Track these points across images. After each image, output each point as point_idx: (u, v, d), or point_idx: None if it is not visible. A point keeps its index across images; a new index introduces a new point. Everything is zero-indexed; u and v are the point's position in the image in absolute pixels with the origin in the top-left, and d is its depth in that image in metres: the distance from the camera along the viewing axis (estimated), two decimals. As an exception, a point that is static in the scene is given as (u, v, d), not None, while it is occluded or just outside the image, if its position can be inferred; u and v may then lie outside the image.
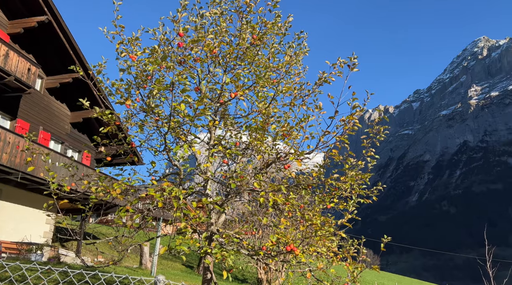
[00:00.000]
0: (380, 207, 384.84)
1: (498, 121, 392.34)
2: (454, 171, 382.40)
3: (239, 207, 19.53)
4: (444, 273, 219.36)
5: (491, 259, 7.96)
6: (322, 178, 6.16)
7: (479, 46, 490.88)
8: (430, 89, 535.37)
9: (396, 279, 46.81)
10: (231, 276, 14.54)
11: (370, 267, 5.45)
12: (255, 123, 6.01)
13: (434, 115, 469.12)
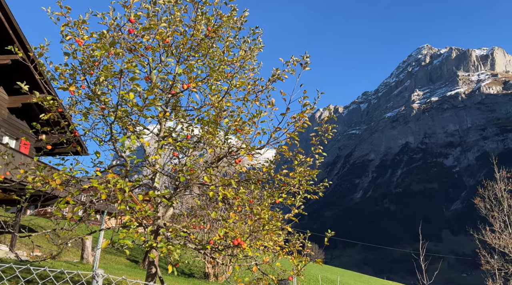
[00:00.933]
0: (326, 203, 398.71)
1: (436, 125, 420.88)
2: (396, 170, 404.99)
3: (188, 201, 19.28)
4: (383, 267, 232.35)
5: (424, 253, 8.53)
6: (272, 173, 6.25)
7: (422, 53, 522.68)
8: (377, 92, 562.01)
9: (338, 273, 48.81)
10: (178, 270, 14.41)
11: (314, 260, 5.62)
12: (208, 117, 5.95)
13: (380, 117, 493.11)
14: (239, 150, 5.63)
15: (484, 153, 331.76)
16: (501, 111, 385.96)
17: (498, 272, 27.37)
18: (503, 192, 27.87)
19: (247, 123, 5.87)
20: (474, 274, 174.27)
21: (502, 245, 27.22)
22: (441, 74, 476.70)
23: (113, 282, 2.98)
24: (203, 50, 6.05)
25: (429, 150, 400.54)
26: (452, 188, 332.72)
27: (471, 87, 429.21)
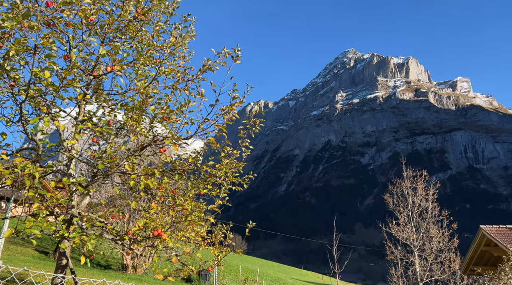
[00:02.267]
0: (252, 195, 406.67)
1: (356, 125, 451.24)
2: (318, 166, 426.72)
3: (109, 189, 18.33)
4: (301, 257, 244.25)
5: (337, 244, 9.16)
6: (198, 164, 6.21)
7: (348, 57, 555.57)
8: (305, 90, 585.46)
9: (259, 263, 50.29)
10: (93, 262, 13.67)
11: (234, 251, 5.72)
12: (132, 102, 5.69)
13: (306, 114, 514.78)
14: (165, 139, 5.49)
15: (395, 153, 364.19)
16: (412, 116, 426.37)
17: (400, 261, 30.41)
18: (408, 189, 30.90)
19: (175, 112, 5.74)
20: (380, 264, 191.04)
21: (405, 237, 30.22)
22: (363, 78, 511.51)
23: (13, 274, 2.74)
24: (130, 32, 5.76)
25: (348, 149, 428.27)
26: (367, 184, 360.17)
27: (388, 92, 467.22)
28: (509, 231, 24.31)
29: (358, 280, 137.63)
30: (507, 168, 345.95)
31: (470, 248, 27.89)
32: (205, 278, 17.94)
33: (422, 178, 30.76)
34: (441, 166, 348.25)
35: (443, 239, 28.93)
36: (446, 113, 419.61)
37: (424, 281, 29.24)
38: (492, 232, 24.11)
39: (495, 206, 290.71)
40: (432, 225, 29.32)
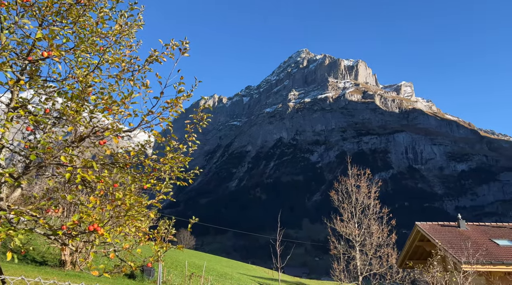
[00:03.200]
0: (203, 191, 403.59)
1: (307, 124, 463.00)
2: (269, 163, 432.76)
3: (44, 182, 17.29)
4: (249, 252, 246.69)
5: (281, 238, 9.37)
6: (141, 157, 6.04)
7: (301, 57, 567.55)
8: (259, 87, 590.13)
9: (207, 258, 50.13)
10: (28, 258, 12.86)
11: (175, 246, 5.65)
12: (72, 91, 5.40)
13: (260, 111, 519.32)
14: (106, 131, 5.28)
15: (342, 152, 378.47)
16: (359, 117, 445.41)
17: (343, 256, 31.75)
18: (353, 187, 32.30)
19: (117, 103, 5.54)
20: (325, 258, 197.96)
21: (348, 232, 31.58)
22: (315, 78, 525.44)
23: None
24: (72, 17, 5.46)
25: (299, 146, 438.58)
26: (315, 182, 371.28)
27: (337, 93, 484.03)
28: (441, 227, 26.21)
29: (303, 274, 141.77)
30: (442, 169, 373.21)
31: (406, 243, 29.70)
32: (149, 274, 17.55)
33: (366, 176, 32.33)
34: (384, 166, 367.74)
35: (383, 234, 30.66)
36: (390, 115, 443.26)
37: (364, 275, 30.86)
38: (426, 228, 25.83)
39: (431, 204, 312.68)
40: (373, 221, 30.95)
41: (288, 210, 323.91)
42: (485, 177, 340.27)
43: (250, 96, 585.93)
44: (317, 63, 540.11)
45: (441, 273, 11.65)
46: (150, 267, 17.63)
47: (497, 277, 18.44)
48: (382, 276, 29.86)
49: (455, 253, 18.55)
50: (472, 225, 26.46)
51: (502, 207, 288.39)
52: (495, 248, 21.27)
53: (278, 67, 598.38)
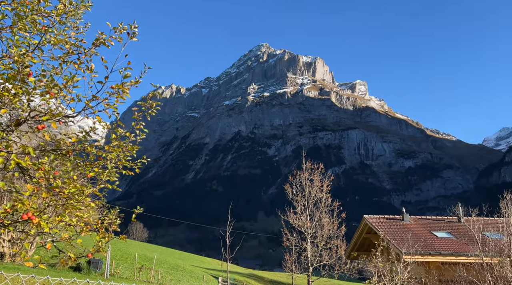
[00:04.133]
0: (157, 183, 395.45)
1: (265, 118, 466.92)
2: (227, 155, 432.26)
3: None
4: (203, 244, 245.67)
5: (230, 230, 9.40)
6: (85, 144, 5.78)
7: (261, 51, 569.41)
8: (219, 79, 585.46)
9: (159, 251, 49.32)
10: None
11: (118, 237, 5.49)
12: (7, 71, 5.03)
13: (219, 103, 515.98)
14: (46, 115, 4.99)
15: (298, 147, 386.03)
16: (315, 113, 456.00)
17: (295, 248, 32.54)
18: (306, 181, 33.12)
19: (60, 86, 5.24)
20: (278, 250, 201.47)
21: (300, 225, 32.39)
22: (274, 73, 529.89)
23: None
24: (10, -9, 5.07)
25: (257, 140, 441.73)
26: (271, 175, 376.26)
27: (296, 89, 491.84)
28: (387, 220, 27.55)
29: (256, 266, 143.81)
30: (391, 165, 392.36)
31: (354, 235, 30.91)
32: (96, 267, 16.90)
33: (319, 170, 33.26)
34: (337, 161, 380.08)
35: (333, 227, 31.75)
36: (344, 113, 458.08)
37: (314, 266, 31.86)
38: (373, 221, 27.02)
39: (379, 198, 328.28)
40: (324, 214, 31.96)
41: (244, 203, 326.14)
42: (429, 173, 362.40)
43: (209, 88, 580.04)
44: (277, 58, 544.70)
45: (383, 263, 12.30)
46: (97, 259, 16.99)
47: (435, 267, 19.74)
48: (331, 267, 30.99)
49: (398, 244, 19.63)
50: (415, 219, 28.05)
51: (443, 202, 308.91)
52: (434, 240, 22.75)
53: (238, 60, 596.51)
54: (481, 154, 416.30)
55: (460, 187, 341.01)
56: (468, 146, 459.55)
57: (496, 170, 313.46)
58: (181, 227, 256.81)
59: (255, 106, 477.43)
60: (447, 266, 16.04)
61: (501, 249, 10.59)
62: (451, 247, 20.72)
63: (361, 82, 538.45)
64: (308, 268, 31.78)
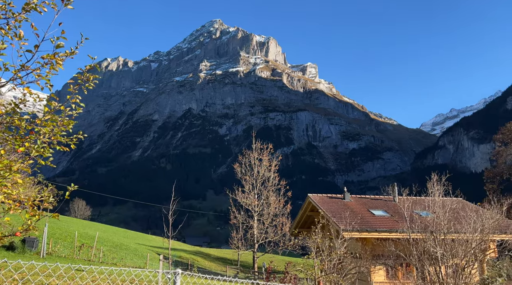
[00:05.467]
0: (102, 159, 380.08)
1: (217, 96, 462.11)
2: (177, 133, 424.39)
3: None
4: (150, 223, 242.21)
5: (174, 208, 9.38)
6: (14, 117, 5.39)
7: (214, 27, 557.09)
8: (169, 54, 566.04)
9: (103, 229, 47.97)
10: None
11: (49, 215, 5.26)
12: None
13: (169, 79, 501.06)
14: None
15: (249, 127, 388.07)
16: (267, 94, 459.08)
17: (242, 225, 33.20)
18: (255, 160, 33.63)
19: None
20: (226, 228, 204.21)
21: (248, 203, 33.02)
22: (227, 51, 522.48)
23: None
24: None
25: (208, 118, 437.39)
26: (222, 154, 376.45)
27: (248, 68, 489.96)
28: (329, 199, 28.84)
29: (204, 243, 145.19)
30: (337, 146, 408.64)
31: (298, 213, 32.10)
32: (31, 246, 16.02)
33: (268, 150, 33.95)
34: (287, 141, 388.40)
35: (279, 205, 32.82)
36: (295, 94, 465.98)
37: (260, 243, 32.88)
38: (316, 199, 28.13)
39: (324, 178, 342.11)
40: (272, 193, 32.87)
41: (193, 182, 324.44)
42: (371, 155, 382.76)
43: (159, 62, 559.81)
44: (230, 35, 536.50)
45: (321, 239, 13.00)
46: (33, 238, 16.11)
47: (371, 243, 21.14)
48: (276, 244, 32.19)
49: (337, 221, 20.73)
50: (355, 197, 29.65)
51: (382, 182, 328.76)
52: (371, 217, 24.28)
53: (190, 35, 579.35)
54: (418, 138, 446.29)
55: (398, 168, 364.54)
56: (407, 130, 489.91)
57: (431, 153, 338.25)
58: (127, 205, 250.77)
59: (207, 84, 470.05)
60: (378, 241, 17.27)
61: (425, 226, 11.61)
62: (386, 224, 22.26)
63: (312, 65, 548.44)
64: (254, 244, 32.76)
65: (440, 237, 10.48)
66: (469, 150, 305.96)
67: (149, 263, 26.07)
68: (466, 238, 10.49)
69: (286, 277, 10.12)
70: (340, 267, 13.42)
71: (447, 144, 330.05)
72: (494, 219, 11.22)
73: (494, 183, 45.00)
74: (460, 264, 10.27)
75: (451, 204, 11.65)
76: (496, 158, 48.12)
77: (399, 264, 17.63)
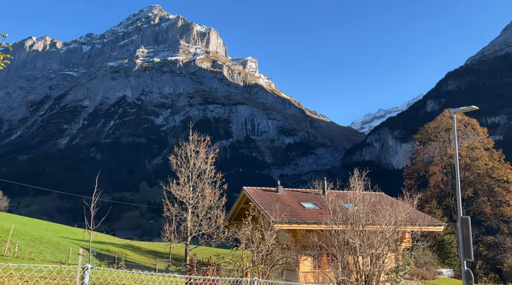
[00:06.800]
0: (23, 146, 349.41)
1: (154, 85, 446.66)
2: (109, 121, 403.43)
3: None
4: (77, 215, 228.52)
5: (96, 200, 9.01)
6: None
7: (153, 13, 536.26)
8: (103, 37, 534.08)
9: (21, 221, 44.35)
10: None
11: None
12: None
13: (102, 64, 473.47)
14: None
15: (188, 118, 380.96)
16: (207, 85, 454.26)
17: (175, 218, 32.72)
18: (192, 152, 33.24)
19: None
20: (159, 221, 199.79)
21: (182, 195, 32.58)
22: (166, 38, 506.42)
23: None
24: None
25: (144, 107, 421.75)
26: (157, 145, 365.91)
27: (188, 58, 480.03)
28: (263, 192, 29.55)
29: (135, 236, 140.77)
30: (274, 141, 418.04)
31: (233, 206, 32.48)
32: None
33: (205, 143, 33.71)
34: (226, 134, 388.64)
35: (215, 197, 32.83)
36: (235, 88, 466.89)
37: (193, 235, 32.66)
38: (251, 192, 28.69)
39: (261, 171, 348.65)
40: (207, 185, 32.73)
41: (126, 173, 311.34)
42: (305, 150, 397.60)
43: (92, 45, 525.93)
44: (170, 23, 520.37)
45: (251, 231, 13.35)
46: None
47: (301, 234, 22.10)
48: (209, 236, 32.20)
49: (270, 213, 21.37)
50: (288, 190, 30.73)
51: (315, 176, 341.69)
52: (301, 210, 25.37)
53: (127, 18, 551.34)
54: (349, 135, 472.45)
55: (329, 164, 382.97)
56: (339, 127, 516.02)
57: (359, 150, 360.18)
58: (51, 196, 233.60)
59: (143, 71, 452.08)
60: (307, 233, 18.18)
61: (347, 218, 12.50)
62: (315, 216, 23.42)
63: (252, 59, 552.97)
64: (187, 237, 32.47)
65: (358, 229, 11.37)
66: (393, 148, 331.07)
67: (72, 257, 24.68)
68: (381, 230, 11.52)
69: (209, 269, 10.25)
70: (270, 258, 13.90)
71: (374, 142, 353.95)
72: (406, 212, 12.42)
73: (412, 179, 49.33)
74: (375, 253, 11.25)
75: (370, 198, 12.69)
76: (415, 156, 52.78)
77: (324, 254, 18.71)
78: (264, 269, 12.33)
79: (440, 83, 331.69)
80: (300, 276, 19.35)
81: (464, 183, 44.85)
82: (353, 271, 11.16)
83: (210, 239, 32.60)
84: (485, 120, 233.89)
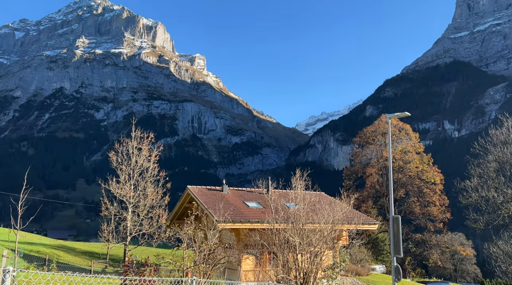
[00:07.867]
0: None
1: (95, 77, 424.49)
2: (44, 114, 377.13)
3: None
4: (4, 214, 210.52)
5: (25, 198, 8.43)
6: None
7: (96, 2, 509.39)
8: (39, 24, 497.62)
9: None
10: None
11: None
12: None
13: (37, 52, 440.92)
14: None
15: (130, 113, 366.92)
16: (152, 80, 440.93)
17: (114, 217, 31.34)
18: (134, 149, 32.05)
19: None
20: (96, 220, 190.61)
21: (122, 194, 31.30)
22: (109, 30, 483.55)
23: None
24: None
25: (83, 100, 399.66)
26: (97, 140, 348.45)
27: (133, 51, 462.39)
28: (208, 191, 29.34)
29: (69, 237, 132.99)
30: (221, 140, 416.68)
31: (176, 205, 31.88)
32: None
33: (148, 140, 32.67)
34: (171, 131, 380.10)
35: (157, 196, 31.94)
36: (182, 84, 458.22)
37: (133, 235, 31.52)
38: (195, 191, 28.36)
39: (207, 170, 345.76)
40: (150, 184, 31.75)
41: (61, 169, 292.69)
42: (251, 150, 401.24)
43: (26, 32, 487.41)
44: (114, 14, 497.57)
45: (193, 231, 13.23)
46: None
47: (244, 233, 22.26)
48: (150, 236, 31.28)
49: (213, 212, 21.29)
50: (233, 190, 30.78)
51: (260, 176, 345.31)
52: (245, 209, 25.56)
53: (66, 6, 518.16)
54: (293, 137, 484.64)
55: (275, 164, 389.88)
56: (284, 128, 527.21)
57: (303, 151, 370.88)
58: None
59: (83, 63, 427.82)
60: (250, 232, 18.38)
61: (288, 217, 12.85)
62: (259, 215, 23.72)
63: (201, 57, 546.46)
64: (127, 237, 31.26)
65: (299, 227, 11.75)
66: (334, 150, 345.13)
67: (-3, 260, 22.59)
68: (320, 228, 12.00)
69: (146, 270, 10.00)
70: (212, 258, 13.86)
71: (317, 144, 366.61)
72: (343, 211, 13.05)
73: (350, 179, 51.87)
74: (314, 251, 11.69)
75: (311, 197, 13.15)
76: (354, 158, 55.53)
77: (266, 252, 19.04)
78: (205, 268, 12.28)
79: (378, 90, 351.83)
80: (241, 274, 19.51)
81: (397, 184, 48.04)
82: (292, 268, 11.48)
83: (151, 239, 31.67)
84: (417, 125, 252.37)
